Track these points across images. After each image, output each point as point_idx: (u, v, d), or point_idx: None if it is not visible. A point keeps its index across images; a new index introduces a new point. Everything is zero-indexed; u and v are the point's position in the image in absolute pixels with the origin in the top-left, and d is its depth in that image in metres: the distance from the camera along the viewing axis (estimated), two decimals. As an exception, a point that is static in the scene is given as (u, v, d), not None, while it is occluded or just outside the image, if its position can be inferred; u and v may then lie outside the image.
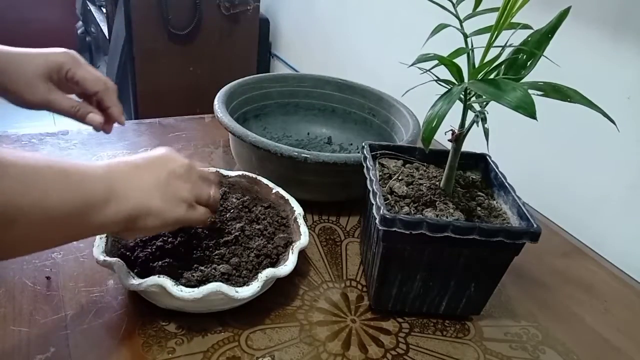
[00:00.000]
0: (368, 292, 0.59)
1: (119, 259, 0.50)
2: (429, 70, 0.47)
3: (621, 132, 0.77)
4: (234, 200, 0.64)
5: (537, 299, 0.63)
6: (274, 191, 0.65)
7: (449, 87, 0.48)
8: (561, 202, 0.85)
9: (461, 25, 0.49)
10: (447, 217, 0.53)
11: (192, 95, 1.81)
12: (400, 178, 0.59)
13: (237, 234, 0.58)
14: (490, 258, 0.53)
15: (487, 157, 0.63)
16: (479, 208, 0.56)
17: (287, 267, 0.54)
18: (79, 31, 2.44)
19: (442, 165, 0.60)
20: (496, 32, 0.47)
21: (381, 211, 0.50)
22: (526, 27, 0.50)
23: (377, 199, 0.52)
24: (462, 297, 0.56)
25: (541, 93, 0.45)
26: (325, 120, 0.92)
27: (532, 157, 0.92)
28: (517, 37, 0.50)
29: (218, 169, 0.68)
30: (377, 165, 0.62)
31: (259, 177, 0.67)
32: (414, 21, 1.18)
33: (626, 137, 0.76)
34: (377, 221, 0.50)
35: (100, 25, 2.07)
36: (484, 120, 0.51)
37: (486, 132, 0.51)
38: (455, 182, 0.58)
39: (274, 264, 0.56)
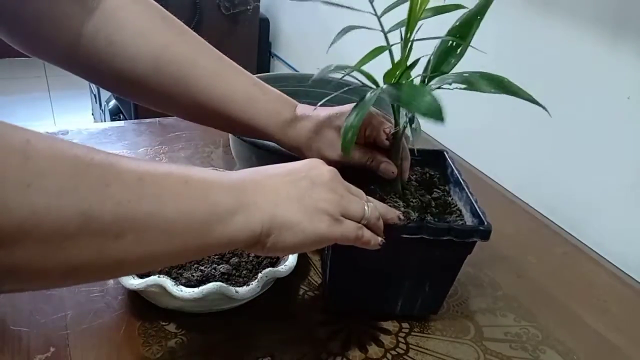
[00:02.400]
0: (324, 292, 0.59)
1: None
2: (341, 78, 0.47)
3: (621, 132, 0.77)
4: None
5: (537, 299, 0.63)
6: None
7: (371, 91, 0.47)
8: (561, 202, 0.85)
9: (379, 21, 0.46)
10: None
11: (192, 95, 1.81)
12: None
13: None
14: (442, 257, 0.52)
15: (445, 153, 0.62)
16: (433, 204, 0.55)
17: (286, 267, 0.54)
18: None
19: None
20: (410, 24, 0.44)
21: None
22: (453, 8, 0.46)
23: None
24: (417, 297, 0.55)
25: (464, 87, 0.43)
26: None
27: (532, 156, 0.92)
28: (449, 23, 0.48)
29: (216, 168, 0.68)
30: None
31: None
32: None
33: (626, 137, 0.77)
34: None
35: (100, 25, 2.07)
36: (411, 120, 0.50)
37: (414, 133, 0.50)
38: (413, 179, 0.58)
39: (273, 263, 0.56)
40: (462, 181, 0.57)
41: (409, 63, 0.46)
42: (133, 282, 0.50)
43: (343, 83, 0.91)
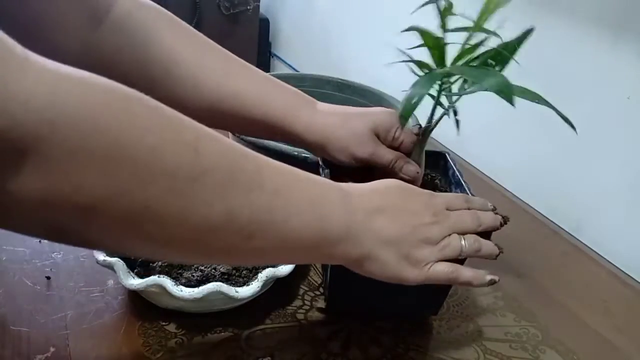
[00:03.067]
0: (324, 293, 0.59)
1: (119, 259, 0.50)
2: (414, 48, 0.47)
3: (621, 132, 0.77)
4: None
5: (537, 299, 0.63)
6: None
7: (428, 72, 0.48)
8: (561, 202, 0.86)
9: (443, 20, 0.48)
10: None
11: (192, 95, 1.81)
12: None
13: None
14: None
15: (447, 155, 0.62)
16: None
17: (286, 267, 0.53)
18: (79, 31, 2.43)
19: None
20: (476, 29, 0.48)
21: None
22: (494, 34, 0.50)
23: None
24: (418, 298, 0.55)
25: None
26: None
27: (532, 156, 0.92)
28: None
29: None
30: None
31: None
32: (415, 21, 1.17)
33: (626, 137, 0.77)
34: None
35: (100, 25, 2.07)
36: (455, 113, 0.51)
37: (457, 124, 0.51)
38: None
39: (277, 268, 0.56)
40: (463, 183, 0.57)
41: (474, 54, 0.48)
42: (133, 282, 0.50)
43: (343, 83, 0.91)
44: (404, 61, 0.48)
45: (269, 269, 0.53)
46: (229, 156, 0.35)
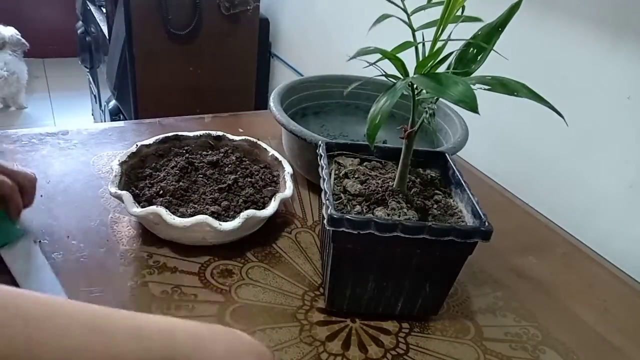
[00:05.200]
0: (324, 292, 0.59)
1: (127, 192, 0.61)
2: (373, 64, 0.46)
3: (621, 132, 0.78)
4: (234, 158, 0.72)
5: (537, 299, 0.63)
6: (270, 154, 0.73)
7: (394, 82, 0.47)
8: (561, 202, 0.86)
9: (408, 18, 0.48)
10: (399, 216, 0.52)
11: (192, 95, 1.81)
12: (356, 176, 0.58)
13: (230, 183, 0.67)
14: (443, 258, 0.52)
15: (446, 155, 0.62)
16: (435, 206, 0.56)
17: (267, 210, 0.62)
18: (79, 31, 2.43)
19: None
20: (442, 25, 0.46)
21: (329, 211, 0.49)
22: (475, 19, 0.49)
23: (327, 198, 0.51)
24: (417, 298, 0.55)
25: (488, 87, 0.45)
26: (383, 124, 0.92)
27: (532, 156, 0.92)
28: (471, 31, 0.49)
29: (225, 134, 0.75)
30: (334, 164, 0.60)
31: (259, 142, 0.74)
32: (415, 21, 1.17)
33: (626, 137, 0.77)
34: (325, 221, 0.50)
35: (100, 25, 2.07)
36: (432, 116, 0.51)
37: (433, 129, 0.51)
38: (414, 180, 0.58)
39: (258, 208, 0.63)
40: (463, 182, 0.57)
41: (440, 57, 0.47)
42: (136, 210, 0.59)
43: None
44: (376, 76, 0.48)
45: (251, 210, 0.61)
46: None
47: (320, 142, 0.61)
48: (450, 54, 0.48)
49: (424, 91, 0.50)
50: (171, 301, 0.55)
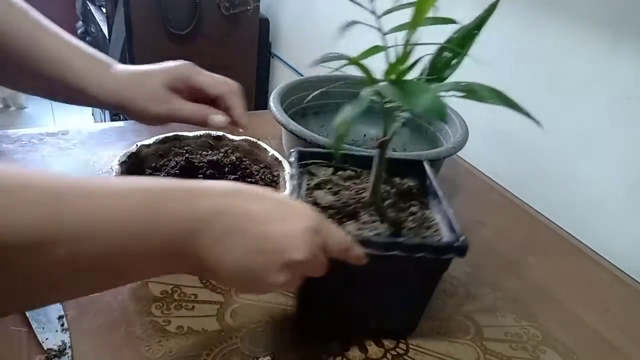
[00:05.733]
0: (296, 308, 0.56)
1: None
2: (338, 69, 0.45)
3: (621, 132, 0.77)
4: (234, 158, 0.72)
5: (537, 299, 0.63)
6: (270, 154, 0.72)
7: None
8: (561, 202, 0.86)
9: (377, 21, 0.45)
10: (370, 231, 0.49)
11: (192, 95, 1.81)
12: (329, 187, 0.54)
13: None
14: (417, 274, 0.50)
15: (425, 164, 0.58)
16: (410, 219, 0.52)
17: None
18: (79, 31, 2.44)
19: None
20: (411, 28, 0.43)
21: None
22: (448, 21, 0.46)
23: None
24: (392, 316, 0.53)
25: (462, 95, 0.42)
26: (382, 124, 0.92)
27: (532, 156, 0.92)
28: (450, 34, 0.47)
29: (225, 133, 0.74)
30: (307, 174, 0.57)
31: (259, 142, 0.74)
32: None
33: (626, 137, 0.77)
34: None
35: (100, 25, 2.07)
36: (403, 125, 0.48)
37: (405, 139, 0.49)
38: (389, 191, 0.55)
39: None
40: (439, 193, 0.53)
41: (409, 62, 0.45)
42: None
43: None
44: (343, 83, 0.47)
45: None
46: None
47: (292, 150, 0.58)
48: (420, 58, 0.45)
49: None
50: (171, 301, 0.55)
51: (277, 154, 0.72)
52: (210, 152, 0.73)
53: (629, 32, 0.75)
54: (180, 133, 0.74)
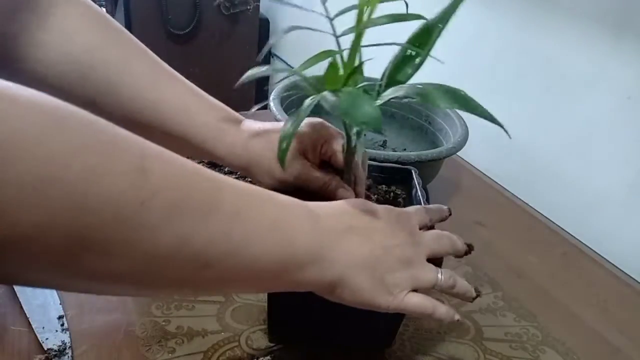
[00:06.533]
0: (267, 322, 0.54)
1: None
2: (285, 78, 0.44)
3: (621, 132, 0.77)
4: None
5: (537, 299, 0.63)
6: None
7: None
8: (561, 201, 0.86)
9: (331, 24, 0.43)
10: None
11: (192, 95, 1.81)
12: None
13: None
14: None
15: (413, 172, 0.56)
16: None
17: None
18: (79, 31, 2.43)
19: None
20: (358, 30, 0.41)
21: None
22: (416, 17, 0.42)
23: None
24: (366, 330, 0.51)
25: (416, 99, 0.40)
26: (383, 124, 0.90)
27: (532, 156, 0.92)
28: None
29: None
30: None
31: None
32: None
33: (626, 137, 0.77)
34: None
35: (100, 25, 2.07)
36: (358, 136, 0.45)
37: (364, 157, 0.46)
38: (374, 199, 0.53)
39: None
40: (424, 203, 0.51)
41: (354, 67, 0.43)
42: None
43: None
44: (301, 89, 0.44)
45: None
46: (181, 175, 0.31)
47: None
48: (362, 63, 0.43)
49: None
50: (171, 301, 0.55)
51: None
52: None
53: (630, 32, 0.75)
54: None
